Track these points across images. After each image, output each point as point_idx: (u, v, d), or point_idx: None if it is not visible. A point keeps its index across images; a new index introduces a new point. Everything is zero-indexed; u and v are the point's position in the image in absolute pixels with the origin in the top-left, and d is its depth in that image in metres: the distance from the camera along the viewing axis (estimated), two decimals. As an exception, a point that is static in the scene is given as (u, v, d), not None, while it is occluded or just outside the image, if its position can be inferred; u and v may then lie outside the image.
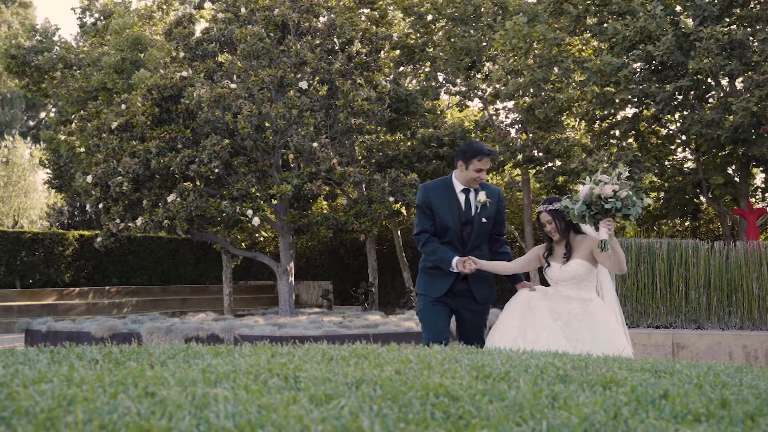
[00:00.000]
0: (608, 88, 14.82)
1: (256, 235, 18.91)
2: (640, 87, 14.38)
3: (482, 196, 5.62)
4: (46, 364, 1.85)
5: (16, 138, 31.84)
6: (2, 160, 29.59)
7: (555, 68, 15.64)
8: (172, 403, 1.45)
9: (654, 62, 14.41)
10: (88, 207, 15.73)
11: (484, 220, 5.63)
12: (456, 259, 5.44)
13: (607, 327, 5.35)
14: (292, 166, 15.43)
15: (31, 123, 41.50)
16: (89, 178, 15.03)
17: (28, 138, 35.89)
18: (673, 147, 17.25)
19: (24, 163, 29.87)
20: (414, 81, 19.35)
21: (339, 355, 2.22)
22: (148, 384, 1.57)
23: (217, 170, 14.10)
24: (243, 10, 16.00)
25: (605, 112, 15.81)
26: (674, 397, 1.95)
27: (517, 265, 5.66)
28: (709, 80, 14.66)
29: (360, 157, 18.55)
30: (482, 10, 17.40)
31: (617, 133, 16.22)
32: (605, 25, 15.18)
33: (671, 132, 16.47)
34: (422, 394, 1.71)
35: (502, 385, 1.91)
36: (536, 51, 15.92)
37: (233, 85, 14.68)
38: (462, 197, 5.64)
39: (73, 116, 19.24)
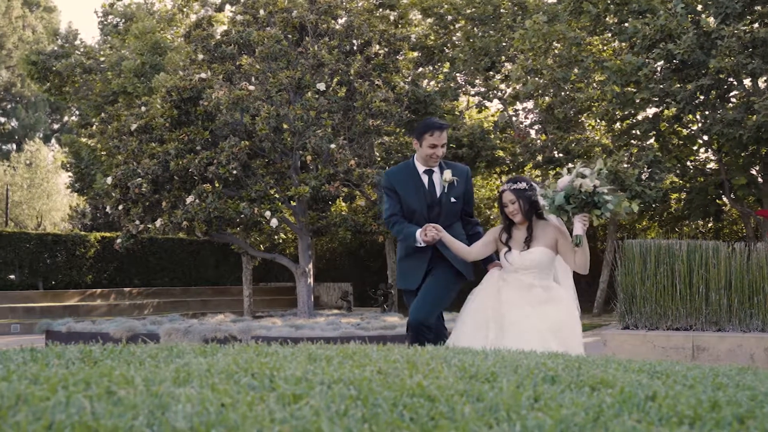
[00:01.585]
0: (628, 88, 14.68)
1: (275, 236, 18.92)
2: (661, 86, 14.23)
3: (448, 174, 5.47)
4: (21, 362, 1.84)
5: (39, 141, 32.19)
6: (26, 163, 29.91)
7: (575, 68, 15.53)
8: (128, 403, 1.43)
9: (675, 61, 14.26)
10: (108, 209, 15.83)
11: (453, 200, 5.48)
12: (419, 230, 5.27)
13: (572, 314, 5.24)
14: (310, 167, 15.42)
15: (55, 126, 41.91)
16: (109, 180, 15.12)
17: (52, 141, 36.26)
18: (694, 147, 17.07)
19: (47, 165, 30.16)
20: (433, 82, 19.29)
21: (324, 355, 2.19)
22: (111, 383, 1.54)
23: (235, 172, 14.12)
24: (261, 12, 16.02)
25: (625, 112, 15.68)
26: (662, 399, 1.89)
27: (475, 250, 5.41)
28: (730, 79, 14.48)
29: (378, 159, 18.52)
30: (502, 10, 17.32)
31: (638, 133, 16.07)
32: (625, 24, 15.06)
33: (693, 132, 16.30)
34: (397, 395, 1.67)
35: (484, 385, 1.87)
36: (556, 50, 15.82)
37: (251, 87, 14.70)
38: (425, 178, 5.51)
39: (93, 119, 19.39)
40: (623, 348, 9.42)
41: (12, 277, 20.59)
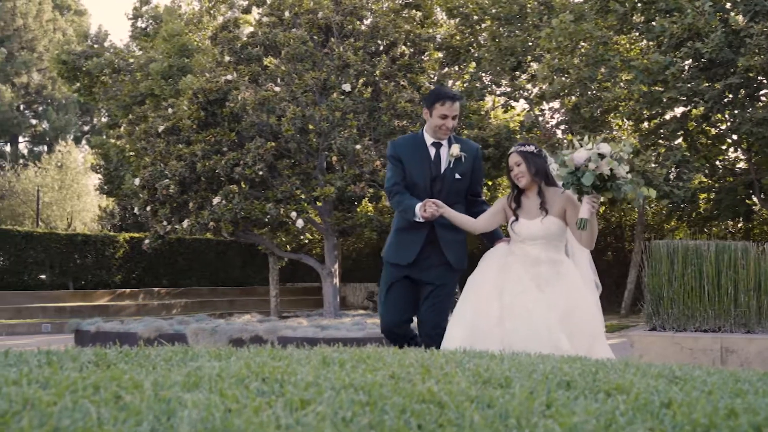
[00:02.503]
0: (656, 87, 14.54)
1: (301, 237, 18.98)
2: (689, 85, 14.08)
3: (455, 148, 5.18)
4: (36, 365, 1.86)
5: (70, 143, 32.56)
6: (57, 164, 30.26)
7: (601, 67, 15.41)
8: (134, 408, 1.43)
9: (703, 60, 14.11)
10: (136, 210, 15.97)
11: (457, 176, 5.19)
12: (419, 204, 4.94)
13: (582, 297, 4.82)
14: (335, 168, 15.45)
15: (85, 128, 42.39)
16: (137, 181, 15.28)
17: (82, 143, 36.67)
18: (723, 147, 16.88)
19: (77, 167, 30.50)
20: (458, 82, 19.24)
21: (338, 359, 2.18)
22: (120, 388, 1.55)
23: (261, 173, 14.19)
24: (287, 13, 16.08)
25: (653, 112, 15.53)
26: (678, 406, 1.86)
27: (482, 221, 5.05)
28: (760, 77, 14.29)
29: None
30: (528, 9, 17.23)
31: (665, 132, 15.91)
32: (652, 22, 14.91)
33: (721, 131, 16.12)
34: (406, 401, 1.66)
35: (496, 391, 1.85)
36: (582, 49, 15.70)
37: (277, 89, 14.78)
38: (432, 150, 5.23)
39: (122, 120, 19.59)
40: (650, 350, 9.32)
41: (43, 277, 20.85)
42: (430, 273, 5.16)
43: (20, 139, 43.47)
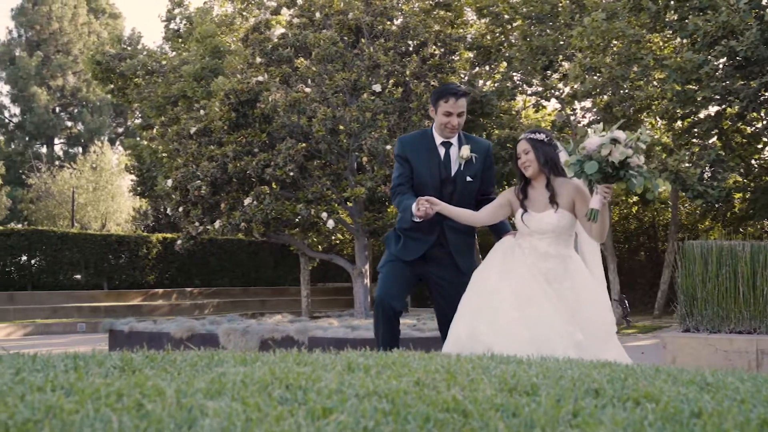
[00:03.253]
0: (689, 86, 14.35)
1: (332, 237, 19.03)
2: (723, 84, 13.88)
3: (465, 150, 4.89)
4: (62, 370, 1.87)
5: (104, 144, 32.95)
6: (91, 165, 30.63)
7: (634, 65, 15.24)
8: (155, 417, 1.43)
9: (737, 58, 13.88)
10: (169, 210, 16.13)
11: (469, 178, 4.91)
12: (414, 204, 4.61)
13: (592, 293, 4.54)
14: (366, 168, 15.47)
15: (119, 129, 42.90)
16: (169, 183, 15.41)
17: (116, 144, 37.12)
18: (759, 145, 16.63)
19: (111, 168, 30.85)
20: (489, 82, 19.16)
21: (363, 364, 2.17)
22: (143, 395, 1.56)
23: (292, 173, 14.24)
24: (318, 15, 16.13)
25: (686, 111, 15.33)
26: (708, 416, 1.82)
27: (485, 214, 4.77)
28: (797, 75, 14.05)
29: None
30: (559, 8, 17.10)
31: (699, 131, 15.71)
32: (686, 20, 14.72)
33: (757, 130, 15.88)
34: (430, 410, 1.65)
35: (523, 399, 1.83)
36: (615, 48, 15.55)
37: (308, 89, 14.82)
38: (442, 150, 4.93)
39: (154, 122, 19.78)
40: (684, 351, 9.20)
41: (78, 277, 21.14)
42: (439, 270, 4.96)
43: (56, 140, 44.11)
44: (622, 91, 15.68)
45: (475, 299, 4.51)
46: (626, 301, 15.87)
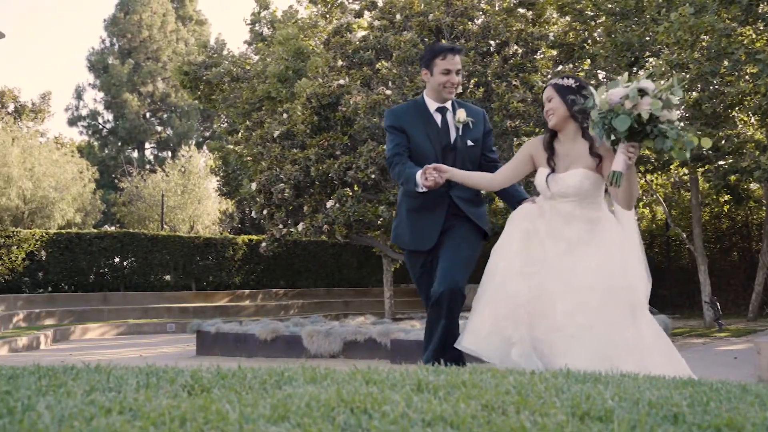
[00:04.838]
0: (784, 80, 13.79)
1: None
2: (820, 77, 13.30)
3: (461, 113, 4.59)
4: (134, 389, 1.90)
5: (192, 148, 33.79)
6: (180, 169, 31.42)
7: (724, 60, 14.73)
8: (215, 446, 1.44)
9: (836, 50, 13.29)
10: (253, 213, 16.42)
11: (470, 143, 4.61)
12: (419, 172, 4.26)
13: (619, 259, 3.94)
14: (447, 170, 15.39)
15: (206, 134, 43.90)
16: (254, 186, 15.68)
17: (204, 148, 38.00)
18: None
19: (199, 171, 31.58)
20: (573, 80, 18.79)
21: (432, 384, 2.14)
22: (205, 420, 1.56)
23: (373, 176, 14.29)
24: (398, 16, 16.16)
25: (781, 106, 14.74)
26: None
27: (503, 175, 4.31)
28: None
29: (518, 160, 18.24)
30: (645, 3, 16.67)
31: (795, 127, 15.09)
32: (780, 12, 14.15)
33: None
34: (495, 439, 1.60)
35: (594, 426, 1.76)
36: (703, 43, 15.06)
37: (388, 92, 14.84)
38: (438, 117, 4.62)
39: (240, 126, 20.16)
40: (779, 358, 8.83)
41: (168, 278, 21.72)
42: (456, 226, 4.56)
43: (146, 145, 45.45)
44: (711, 87, 15.18)
45: (493, 295, 4.15)
46: (718, 304, 15.38)
